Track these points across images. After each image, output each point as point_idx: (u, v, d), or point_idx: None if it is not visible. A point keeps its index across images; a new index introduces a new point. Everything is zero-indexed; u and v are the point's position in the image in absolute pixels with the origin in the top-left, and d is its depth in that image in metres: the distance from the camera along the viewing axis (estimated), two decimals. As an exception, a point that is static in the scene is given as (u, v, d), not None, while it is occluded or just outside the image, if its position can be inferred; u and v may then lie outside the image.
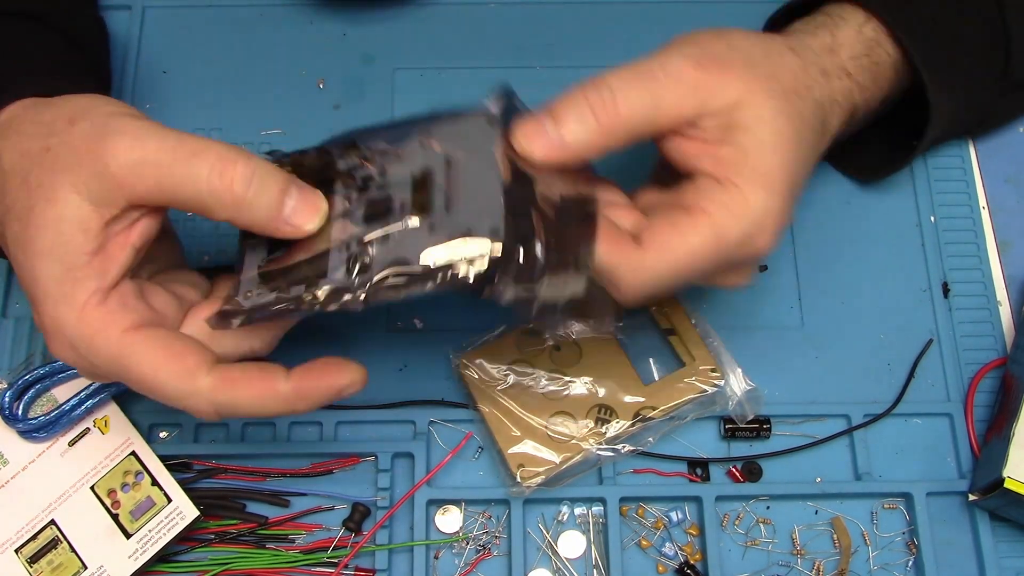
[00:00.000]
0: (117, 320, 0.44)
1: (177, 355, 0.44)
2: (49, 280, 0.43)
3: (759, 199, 0.46)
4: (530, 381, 0.57)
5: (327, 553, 0.54)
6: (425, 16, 0.68)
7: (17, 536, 0.53)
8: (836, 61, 0.52)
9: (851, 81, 0.53)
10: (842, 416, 0.59)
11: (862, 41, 0.54)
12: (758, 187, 0.46)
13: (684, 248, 0.46)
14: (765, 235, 0.47)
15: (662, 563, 0.55)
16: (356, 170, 0.47)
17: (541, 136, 0.45)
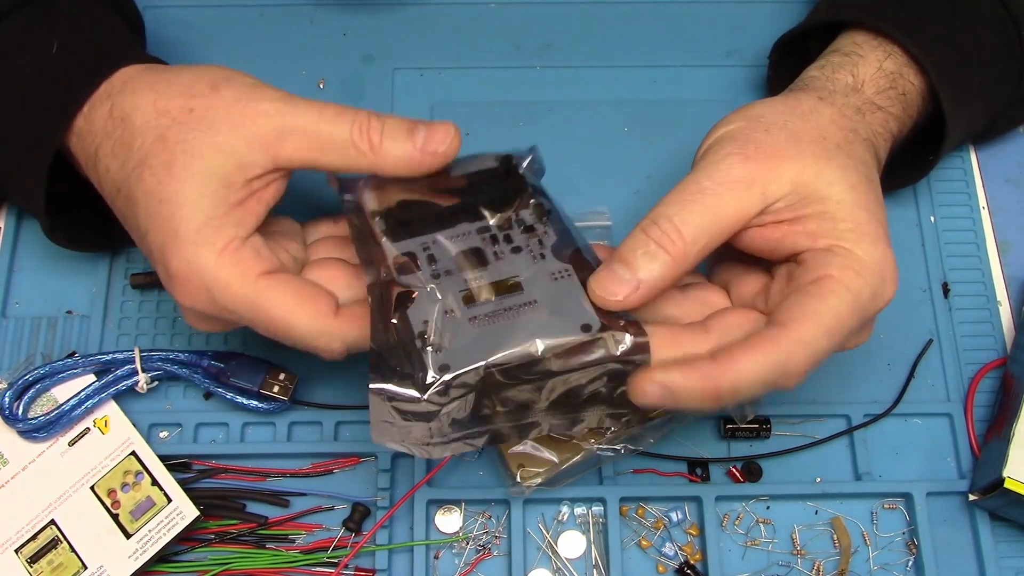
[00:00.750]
0: (253, 265, 0.46)
1: (309, 298, 0.47)
2: (189, 227, 0.46)
3: (872, 253, 0.46)
4: (530, 381, 0.57)
5: (327, 553, 0.54)
6: (425, 16, 0.68)
7: (17, 536, 0.53)
8: (863, 99, 0.53)
9: (884, 112, 0.53)
10: (842, 416, 0.59)
11: (884, 75, 0.54)
12: (865, 242, 0.47)
13: (830, 312, 0.45)
14: (889, 284, 0.47)
15: (662, 563, 0.55)
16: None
17: (618, 283, 0.45)
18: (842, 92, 0.53)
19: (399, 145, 0.48)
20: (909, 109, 0.55)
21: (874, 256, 0.46)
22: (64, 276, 0.60)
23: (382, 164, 0.48)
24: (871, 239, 0.47)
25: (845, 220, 0.47)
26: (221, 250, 0.46)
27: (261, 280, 0.46)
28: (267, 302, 0.46)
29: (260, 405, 0.56)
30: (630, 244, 0.46)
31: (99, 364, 0.56)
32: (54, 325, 0.59)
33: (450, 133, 0.49)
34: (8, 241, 0.61)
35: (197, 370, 0.57)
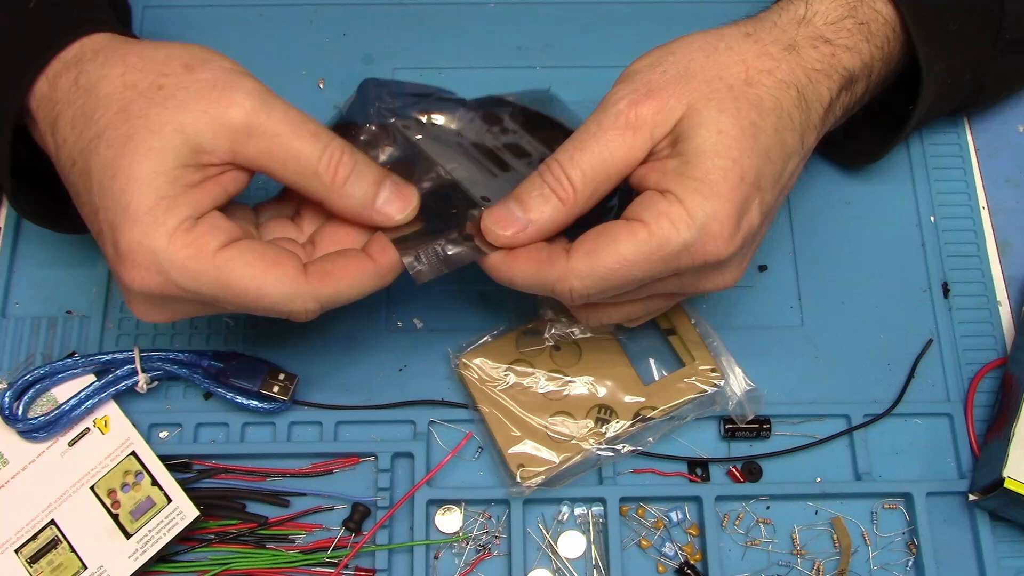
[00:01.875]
0: (209, 241, 0.45)
1: (274, 261, 0.46)
2: (140, 205, 0.44)
3: (700, 207, 0.46)
4: (530, 381, 0.57)
5: (327, 553, 0.54)
6: (425, 16, 0.68)
7: (17, 536, 0.53)
8: (808, 31, 0.52)
9: (832, 46, 0.52)
10: (842, 416, 0.59)
11: (843, 4, 0.53)
12: (699, 195, 0.46)
13: (614, 256, 0.47)
14: (716, 240, 0.47)
15: (662, 563, 0.55)
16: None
17: (511, 220, 0.49)
18: (781, 26, 0.52)
19: (360, 192, 0.48)
20: (875, 40, 0.54)
21: (704, 210, 0.46)
22: (64, 276, 0.60)
23: (335, 202, 0.48)
24: (709, 192, 0.46)
25: (696, 167, 0.47)
26: (172, 231, 0.44)
27: (220, 254, 0.45)
28: (231, 274, 0.45)
29: (260, 405, 0.56)
30: (527, 185, 0.49)
31: (99, 364, 0.56)
32: (54, 325, 0.59)
33: (411, 202, 0.49)
34: (8, 241, 0.61)
35: (197, 370, 0.57)
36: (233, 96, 0.46)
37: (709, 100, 0.48)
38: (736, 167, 0.47)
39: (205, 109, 0.45)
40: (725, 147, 0.47)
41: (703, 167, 0.47)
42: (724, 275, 0.50)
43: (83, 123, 0.46)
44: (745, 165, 0.47)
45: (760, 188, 0.48)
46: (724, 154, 0.47)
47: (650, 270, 0.47)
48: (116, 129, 0.45)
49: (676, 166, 0.47)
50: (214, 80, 0.46)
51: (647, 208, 0.47)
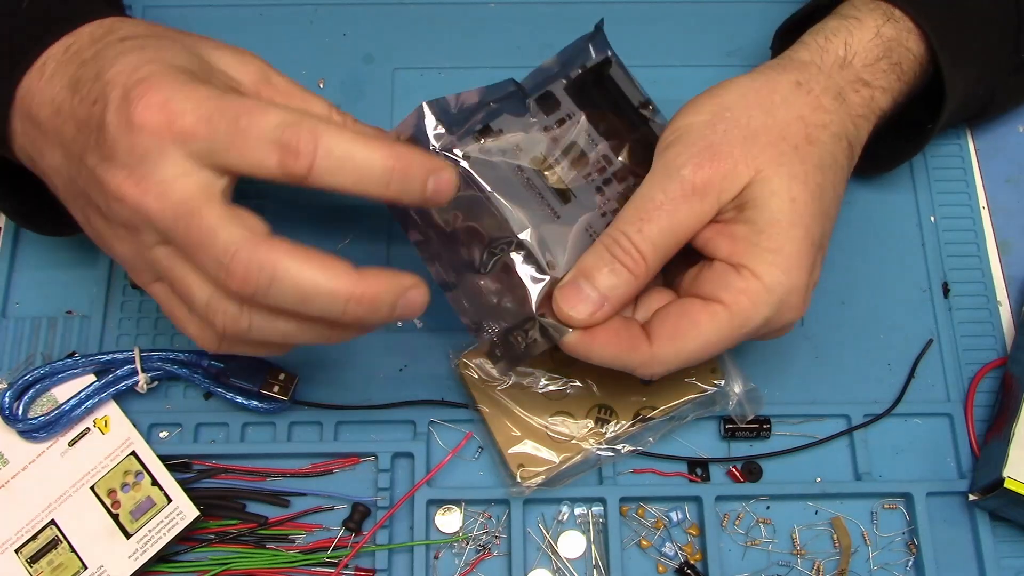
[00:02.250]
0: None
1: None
2: (172, 66, 0.44)
3: (779, 281, 0.46)
4: (530, 381, 0.57)
5: (327, 553, 0.54)
6: (425, 16, 0.68)
7: (17, 536, 0.53)
8: (850, 74, 0.52)
9: (871, 89, 0.52)
10: (842, 416, 0.59)
11: (880, 43, 0.53)
12: (776, 268, 0.47)
13: (697, 340, 0.47)
14: (792, 311, 0.48)
15: (662, 563, 0.55)
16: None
17: (584, 300, 0.48)
18: (827, 71, 0.51)
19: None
20: (905, 77, 0.54)
21: (781, 283, 0.47)
22: (64, 276, 0.60)
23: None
24: (786, 265, 0.47)
25: (770, 238, 0.47)
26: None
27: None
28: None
29: (260, 405, 0.56)
30: (594, 260, 0.48)
31: (99, 364, 0.56)
32: (54, 325, 0.59)
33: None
34: (8, 241, 0.61)
35: (197, 370, 0.57)
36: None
37: (779, 165, 0.47)
38: (809, 235, 0.47)
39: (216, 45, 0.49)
40: (799, 216, 0.47)
41: (778, 238, 0.47)
42: (789, 327, 0.50)
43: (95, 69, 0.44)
44: (815, 231, 0.48)
45: (823, 247, 0.49)
46: (799, 223, 0.47)
47: (731, 344, 0.48)
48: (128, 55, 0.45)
49: (747, 235, 0.47)
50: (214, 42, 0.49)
51: (724, 288, 0.47)
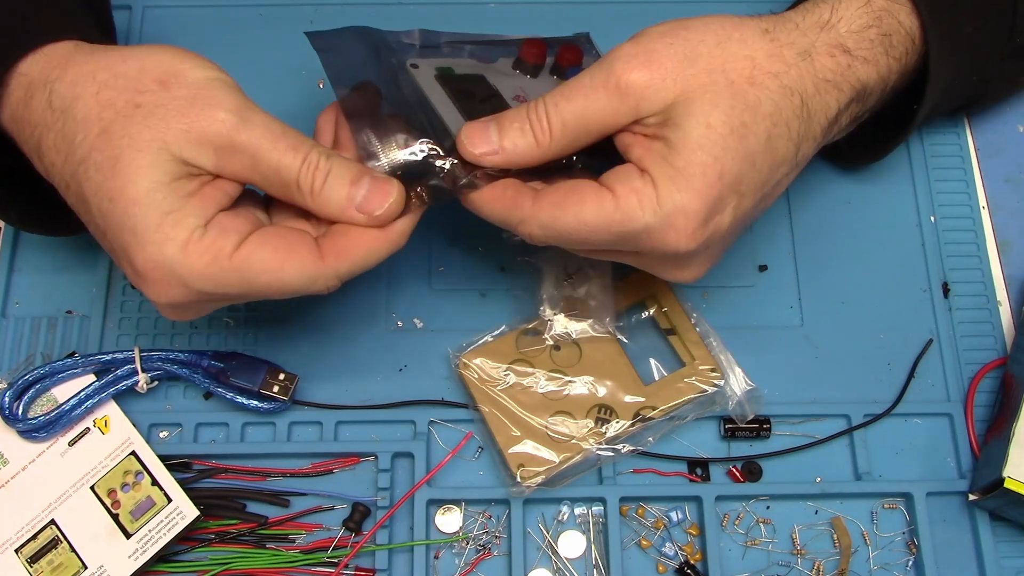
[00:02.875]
0: (223, 246, 0.45)
1: (290, 250, 0.47)
2: (147, 226, 0.44)
3: (671, 197, 0.46)
4: (530, 381, 0.57)
5: (327, 553, 0.54)
6: (425, 16, 0.68)
7: (17, 536, 0.53)
8: (829, 38, 0.51)
9: (850, 57, 0.51)
10: (842, 416, 0.59)
11: (869, 13, 0.52)
12: (672, 184, 0.47)
13: (576, 216, 0.48)
14: (678, 233, 0.47)
15: (662, 563, 0.55)
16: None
17: (484, 141, 0.49)
18: (802, 29, 0.51)
19: (337, 194, 0.47)
20: (894, 52, 0.53)
21: (673, 200, 0.46)
22: (64, 276, 0.60)
23: (318, 209, 0.47)
24: (684, 184, 0.47)
25: (677, 156, 0.47)
26: (185, 243, 0.45)
27: (237, 255, 0.45)
28: (251, 272, 0.46)
29: (260, 405, 0.56)
30: (512, 114, 0.49)
31: (99, 364, 0.56)
32: (54, 325, 0.59)
33: (391, 195, 0.48)
34: (8, 241, 0.61)
35: (197, 370, 0.57)
36: (212, 114, 0.45)
37: (705, 91, 0.47)
38: (716, 165, 0.47)
39: (186, 128, 0.45)
40: (710, 143, 0.47)
41: (684, 158, 0.47)
42: (684, 271, 0.51)
43: (66, 148, 0.46)
44: (726, 165, 0.47)
45: (739, 192, 0.48)
46: (707, 149, 0.47)
47: (608, 240, 0.48)
48: (101, 152, 0.45)
49: (659, 149, 0.47)
50: (191, 97, 0.46)
51: (622, 181, 0.47)
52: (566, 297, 0.58)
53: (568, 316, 0.58)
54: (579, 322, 0.58)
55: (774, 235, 0.63)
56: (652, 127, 0.48)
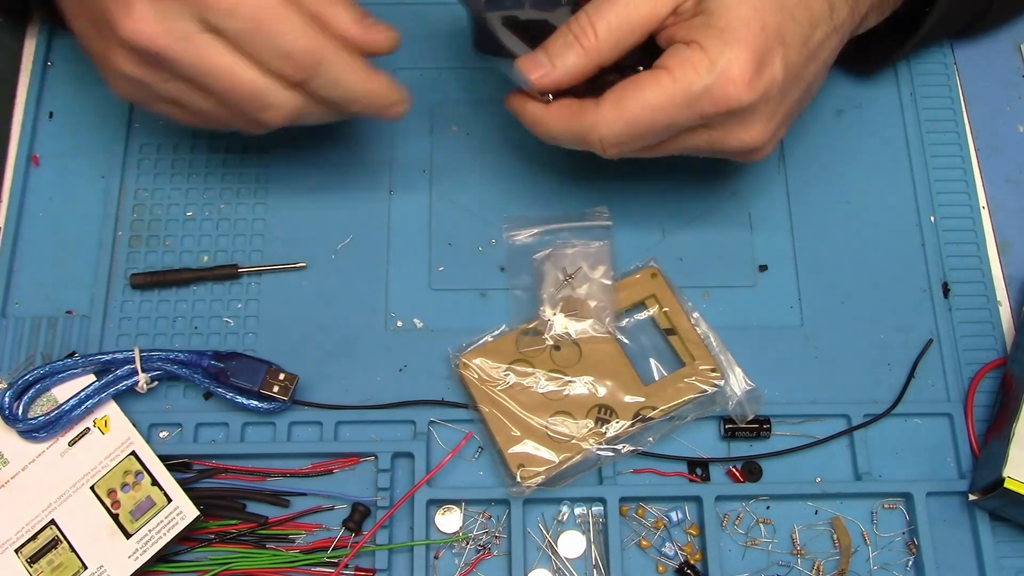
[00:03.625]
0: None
1: (297, 5, 0.48)
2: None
3: (722, 53, 0.49)
4: (530, 381, 0.57)
5: (327, 553, 0.54)
6: (425, 16, 0.68)
7: (17, 536, 0.53)
8: None
9: None
10: (842, 416, 0.59)
11: None
12: (720, 41, 0.49)
13: (639, 103, 0.50)
14: (736, 84, 0.49)
15: (662, 563, 0.55)
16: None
17: (536, 66, 0.52)
18: None
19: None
20: None
21: (724, 55, 0.49)
22: (64, 276, 0.60)
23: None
24: (730, 38, 0.49)
25: (719, 18, 0.49)
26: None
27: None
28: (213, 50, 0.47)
29: (260, 405, 0.56)
30: (556, 35, 0.52)
31: (99, 364, 0.56)
32: (54, 325, 0.59)
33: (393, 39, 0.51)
34: (8, 241, 0.61)
35: (197, 370, 0.57)
36: None
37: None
38: (757, 16, 0.49)
39: None
40: (755, 2, 0.49)
41: (725, 17, 0.49)
42: (750, 129, 0.52)
43: None
44: (767, 17, 0.49)
45: (784, 43, 0.50)
46: (746, 3, 0.49)
47: (675, 115, 0.50)
48: None
49: (700, 20, 0.50)
50: None
51: (672, 56, 0.50)
52: (566, 297, 0.58)
53: (568, 316, 0.58)
54: (579, 322, 0.58)
55: (774, 235, 0.63)
56: (689, 10, 0.50)
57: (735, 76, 0.49)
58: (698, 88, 0.49)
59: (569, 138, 0.53)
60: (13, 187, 0.62)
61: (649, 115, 0.50)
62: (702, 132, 0.52)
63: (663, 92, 0.49)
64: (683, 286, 0.60)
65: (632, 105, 0.50)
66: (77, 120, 0.64)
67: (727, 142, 0.52)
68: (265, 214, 0.62)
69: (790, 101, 0.53)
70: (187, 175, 0.63)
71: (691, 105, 0.49)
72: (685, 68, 0.49)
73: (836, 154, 0.65)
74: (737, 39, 0.49)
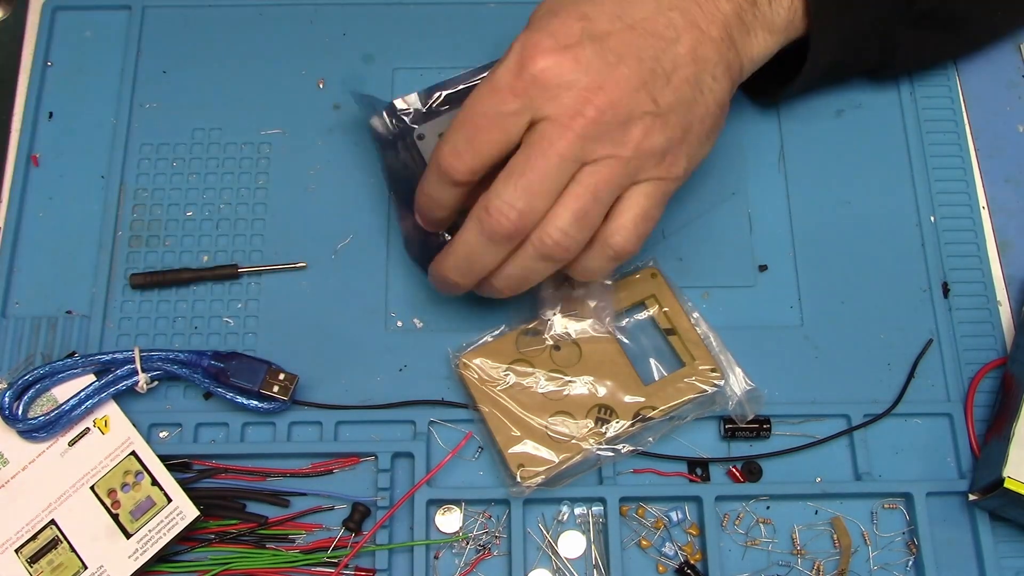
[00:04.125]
0: None
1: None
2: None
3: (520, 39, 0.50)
4: (530, 381, 0.57)
5: (327, 553, 0.54)
6: (425, 16, 0.68)
7: (17, 536, 0.53)
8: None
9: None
10: (842, 416, 0.59)
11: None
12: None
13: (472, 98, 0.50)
14: (518, 55, 0.49)
15: (662, 563, 0.55)
16: None
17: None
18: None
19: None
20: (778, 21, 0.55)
21: (519, 38, 0.50)
22: (64, 276, 0.61)
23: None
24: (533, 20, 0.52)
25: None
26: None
27: None
28: None
29: (260, 405, 0.56)
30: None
31: (99, 364, 0.56)
32: (54, 325, 0.59)
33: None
34: (8, 241, 0.61)
35: (197, 370, 0.57)
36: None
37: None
38: (546, 4, 0.52)
39: None
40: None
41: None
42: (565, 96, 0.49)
43: None
44: (554, 3, 0.51)
45: (584, 16, 0.50)
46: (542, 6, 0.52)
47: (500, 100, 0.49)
48: None
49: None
50: None
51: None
52: (566, 297, 0.58)
53: (568, 316, 0.58)
54: (579, 322, 0.58)
55: (774, 235, 0.63)
56: None
57: (524, 48, 0.49)
58: (502, 66, 0.49)
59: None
60: (13, 187, 0.62)
61: (485, 97, 0.49)
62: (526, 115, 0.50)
63: (485, 82, 0.50)
64: (683, 286, 0.60)
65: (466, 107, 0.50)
66: (77, 120, 0.64)
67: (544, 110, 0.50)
68: (265, 214, 0.62)
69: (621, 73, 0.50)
70: (187, 175, 0.63)
71: (495, 77, 0.49)
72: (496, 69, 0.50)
73: (836, 154, 0.65)
74: (536, 18, 0.51)
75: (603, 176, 0.49)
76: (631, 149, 0.49)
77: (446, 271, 0.52)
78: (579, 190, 0.49)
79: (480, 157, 0.50)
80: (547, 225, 0.49)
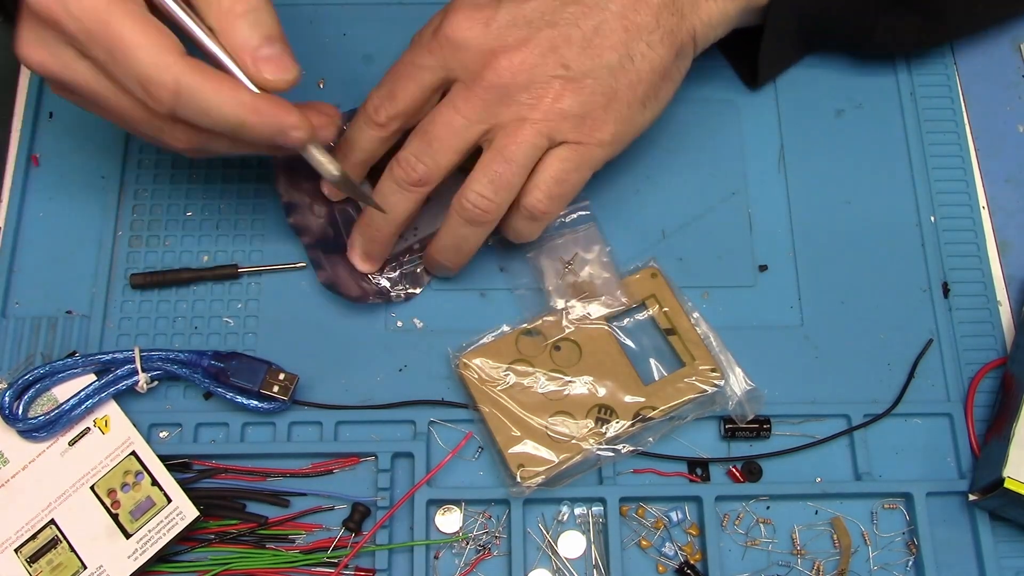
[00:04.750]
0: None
1: (157, 31, 0.45)
2: None
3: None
4: (530, 381, 0.57)
5: (327, 553, 0.54)
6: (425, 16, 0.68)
7: (17, 536, 0.53)
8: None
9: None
10: (842, 416, 0.59)
11: None
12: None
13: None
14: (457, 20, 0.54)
15: (662, 563, 0.55)
16: None
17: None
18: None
19: (245, 34, 0.47)
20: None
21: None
22: (64, 276, 0.60)
23: (222, 28, 0.47)
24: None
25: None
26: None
27: (115, 3, 0.45)
28: (114, 23, 0.44)
29: (260, 405, 0.56)
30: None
31: (99, 364, 0.56)
32: (54, 325, 0.59)
33: (288, 73, 0.48)
34: (8, 241, 0.61)
35: (197, 370, 0.57)
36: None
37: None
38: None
39: None
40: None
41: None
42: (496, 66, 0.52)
43: None
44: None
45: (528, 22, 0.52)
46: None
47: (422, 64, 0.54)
48: None
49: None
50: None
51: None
52: (571, 284, 0.58)
53: (580, 300, 0.58)
54: (592, 302, 0.58)
55: (774, 235, 0.63)
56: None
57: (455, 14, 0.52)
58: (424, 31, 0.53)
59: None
60: (13, 187, 0.62)
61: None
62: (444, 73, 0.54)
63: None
64: (683, 286, 0.60)
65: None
66: (77, 120, 0.64)
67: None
68: (265, 214, 0.62)
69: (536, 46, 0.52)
70: (187, 175, 0.63)
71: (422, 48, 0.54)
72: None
73: (836, 154, 0.65)
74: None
75: (512, 138, 0.52)
76: (540, 112, 0.52)
77: (371, 230, 0.56)
78: (491, 153, 0.53)
79: (396, 104, 0.54)
80: (465, 189, 0.53)
